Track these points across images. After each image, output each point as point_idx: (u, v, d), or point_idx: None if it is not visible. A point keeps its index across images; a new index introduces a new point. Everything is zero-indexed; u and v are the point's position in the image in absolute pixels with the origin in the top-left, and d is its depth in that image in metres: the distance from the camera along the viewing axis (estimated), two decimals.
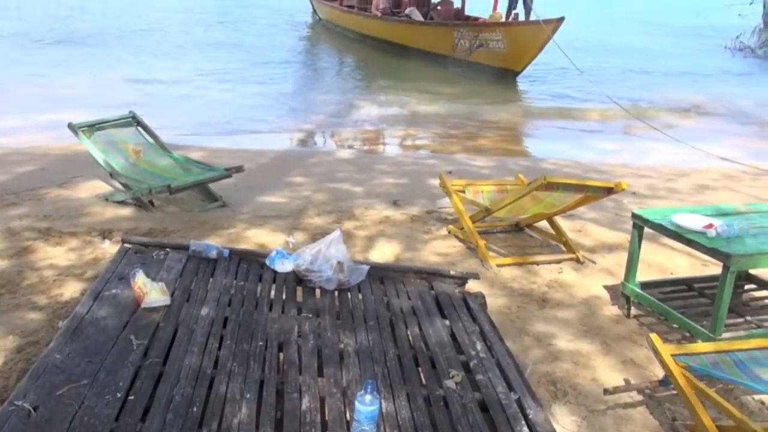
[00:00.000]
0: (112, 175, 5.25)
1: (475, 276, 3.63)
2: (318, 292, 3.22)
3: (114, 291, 2.87)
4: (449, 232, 4.94)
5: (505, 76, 13.08)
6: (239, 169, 5.47)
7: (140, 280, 2.86)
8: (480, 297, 3.38)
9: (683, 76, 15.61)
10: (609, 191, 4.30)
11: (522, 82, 13.31)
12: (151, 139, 5.67)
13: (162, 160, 5.53)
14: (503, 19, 14.05)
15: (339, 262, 3.31)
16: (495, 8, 14.71)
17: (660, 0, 40.29)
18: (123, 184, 5.20)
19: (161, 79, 11.84)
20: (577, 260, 4.56)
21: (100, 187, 5.55)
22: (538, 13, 12.73)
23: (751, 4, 24.17)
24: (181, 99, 10.50)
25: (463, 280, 3.54)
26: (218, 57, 14.53)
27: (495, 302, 3.86)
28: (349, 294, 3.22)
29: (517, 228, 5.13)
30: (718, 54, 19.03)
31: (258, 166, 6.82)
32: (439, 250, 4.66)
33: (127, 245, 3.40)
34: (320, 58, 16.48)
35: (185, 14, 21.95)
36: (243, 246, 4.43)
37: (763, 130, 10.80)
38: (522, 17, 13.83)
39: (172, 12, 21.95)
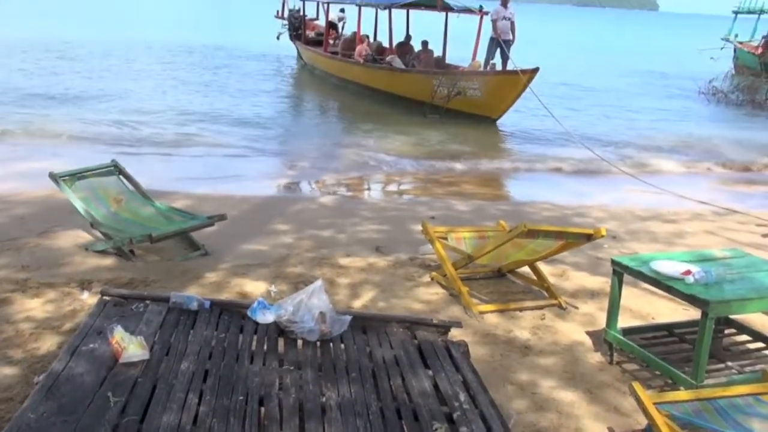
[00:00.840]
0: (93, 224, 5.22)
1: (458, 324, 3.62)
2: (300, 343, 3.19)
3: (92, 346, 2.83)
4: (432, 279, 4.95)
5: (483, 122, 13.33)
6: (222, 218, 5.46)
7: (118, 335, 2.83)
8: (463, 346, 3.37)
9: (659, 119, 15.96)
10: (589, 238, 4.35)
11: (502, 127, 13.53)
12: (132, 188, 5.67)
13: (144, 209, 5.51)
14: (482, 68, 14.35)
15: (321, 313, 3.30)
16: (474, 57, 15.03)
17: (636, 48, 41.53)
18: (104, 234, 5.17)
19: (143, 121, 11.91)
20: (560, 306, 4.58)
21: (81, 236, 5.50)
22: (517, 62, 13.03)
23: (722, 48, 24.96)
24: (164, 143, 10.53)
25: (445, 328, 3.53)
26: (202, 100, 14.65)
27: (478, 350, 3.85)
28: (331, 345, 3.20)
29: (500, 274, 5.15)
30: (692, 98, 19.52)
31: (241, 213, 6.81)
32: (422, 297, 4.66)
33: (106, 298, 3.36)
34: (304, 103, 16.70)
35: (170, 57, 22.20)
36: (225, 295, 4.41)
37: (739, 173, 11.02)
38: (499, 66, 14.15)
39: (155, 56, 22.17)
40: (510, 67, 13.48)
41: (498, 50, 14.36)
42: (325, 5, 20.33)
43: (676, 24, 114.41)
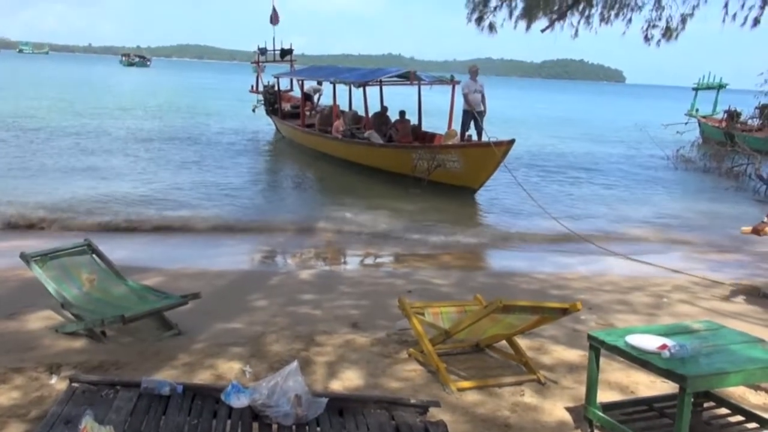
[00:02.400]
0: (64, 305, 5.14)
1: (436, 404, 3.58)
2: (275, 427, 3.13)
3: None
4: (410, 356, 4.90)
5: (464, 193, 13.53)
6: (195, 296, 5.41)
7: (88, 425, 2.75)
8: (441, 426, 3.32)
9: (631, 188, 16.35)
10: (564, 312, 4.37)
11: (480, 199, 13.72)
12: (106, 267, 5.61)
13: (116, 288, 5.45)
14: (458, 137, 14.72)
15: (297, 396, 3.24)
16: (450, 125, 15.42)
17: (606, 119, 42.91)
18: (75, 315, 5.08)
19: (118, 195, 11.91)
20: (539, 381, 4.55)
21: (52, 317, 5.40)
22: (495, 134, 13.39)
23: (686, 123, 25.91)
24: (138, 220, 10.47)
25: (424, 408, 3.48)
26: (176, 175, 14.70)
27: (457, 429, 3.79)
28: (307, 429, 3.14)
29: (478, 348, 5.12)
30: (662, 167, 20.08)
31: (216, 290, 6.75)
32: (400, 374, 4.61)
33: (74, 385, 3.28)
34: (281, 176, 16.78)
35: (146, 130, 22.41)
36: (199, 377, 4.32)
37: (712, 240, 11.22)
38: (475, 137, 14.50)
39: (132, 129, 22.35)
40: (484, 137, 13.82)
41: (472, 122, 14.83)
42: (301, 81, 20.82)
43: (642, 94, 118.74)
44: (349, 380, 4.46)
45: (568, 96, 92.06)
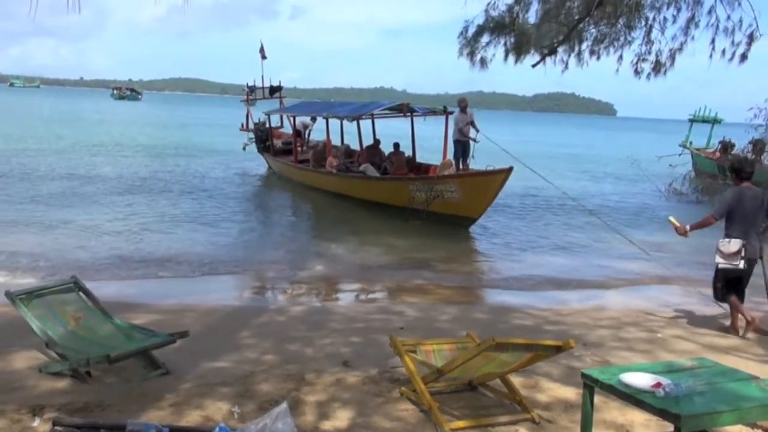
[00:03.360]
0: (48, 344, 5.07)
1: None
2: None
3: None
4: (402, 394, 4.85)
5: (462, 225, 13.56)
6: (183, 335, 5.35)
7: None
8: None
9: (628, 220, 16.44)
10: (558, 350, 4.35)
11: (476, 232, 13.72)
12: (92, 304, 5.57)
13: (103, 327, 5.40)
14: (453, 166, 14.99)
15: None
16: (444, 156, 15.58)
17: (597, 151, 43.37)
18: (60, 354, 5.02)
19: (107, 230, 11.86)
20: (533, 420, 4.51)
21: (36, 356, 5.33)
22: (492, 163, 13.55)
23: (680, 155, 26.18)
24: (128, 254, 10.46)
25: None
26: (166, 208, 14.70)
27: None
28: None
29: (471, 387, 5.07)
30: (656, 198, 20.26)
31: (204, 327, 6.70)
32: (392, 414, 4.56)
33: (58, 428, 3.22)
34: (274, 211, 16.76)
35: (136, 165, 22.48)
36: (186, 419, 4.26)
37: (706, 275, 11.21)
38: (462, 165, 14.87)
39: (123, 165, 22.41)
40: (472, 165, 14.13)
41: (461, 151, 15.35)
42: (292, 117, 21.00)
43: (633, 127, 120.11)
44: (340, 421, 4.40)
45: (560, 129, 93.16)
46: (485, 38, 10.94)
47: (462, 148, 15.74)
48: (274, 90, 24.51)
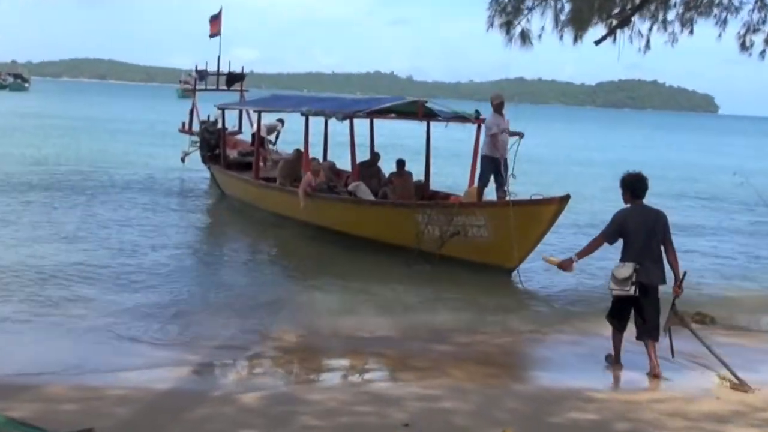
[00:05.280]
0: None
1: None
2: None
3: None
4: None
5: (491, 274, 13.35)
6: None
7: None
8: None
9: (746, 262, 16.65)
10: None
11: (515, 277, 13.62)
12: None
13: None
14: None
15: None
16: (471, 182, 15.36)
17: (694, 163, 43.65)
18: None
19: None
20: None
21: None
22: (525, 190, 13.46)
23: None
24: (10, 312, 10.45)
25: None
26: (71, 251, 14.68)
27: None
28: None
29: None
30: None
31: (118, 422, 6.66)
32: None
33: None
34: (224, 250, 16.74)
35: (25, 184, 22.71)
36: None
37: None
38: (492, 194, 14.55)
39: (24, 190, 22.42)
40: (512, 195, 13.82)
41: (493, 170, 14.70)
42: (256, 114, 20.89)
43: (743, 130, 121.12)
44: None
45: (633, 132, 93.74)
46: (528, 2, 10.98)
47: (494, 167, 14.80)
48: (234, 78, 24.58)
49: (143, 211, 19.99)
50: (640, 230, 8.75)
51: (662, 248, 8.85)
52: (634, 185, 8.95)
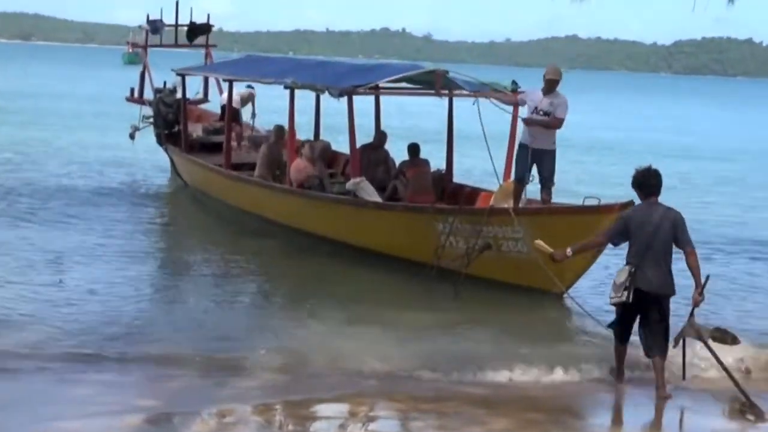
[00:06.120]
0: None
1: None
2: None
3: None
4: None
5: (534, 296, 13.48)
6: None
7: None
8: None
9: None
10: None
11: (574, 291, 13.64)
12: None
13: None
14: (523, 195, 14.54)
15: None
16: (508, 175, 15.31)
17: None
18: None
19: None
20: None
21: None
22: (567, 185, 13.47)
23: None
24: None
25: None
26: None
27: None
28: None
29: None
30: None
31: None
32: None
33: None
34: (186, 262, 16.85)
35: None
36: None
37: None
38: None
39: None
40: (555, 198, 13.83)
41: (535, 163, 14.67)
42: (227, 83, 20.83)
43: None
44: None
45: (720, 106, 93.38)
46: None
47: (538, 159, 14.75)
48: (198, 31, 24.52)
49: (78, 221, 19.43)
50: (642, 230, 9.56)
51: (670, 252, 9.61)
52: (642, 182, 9.82)
